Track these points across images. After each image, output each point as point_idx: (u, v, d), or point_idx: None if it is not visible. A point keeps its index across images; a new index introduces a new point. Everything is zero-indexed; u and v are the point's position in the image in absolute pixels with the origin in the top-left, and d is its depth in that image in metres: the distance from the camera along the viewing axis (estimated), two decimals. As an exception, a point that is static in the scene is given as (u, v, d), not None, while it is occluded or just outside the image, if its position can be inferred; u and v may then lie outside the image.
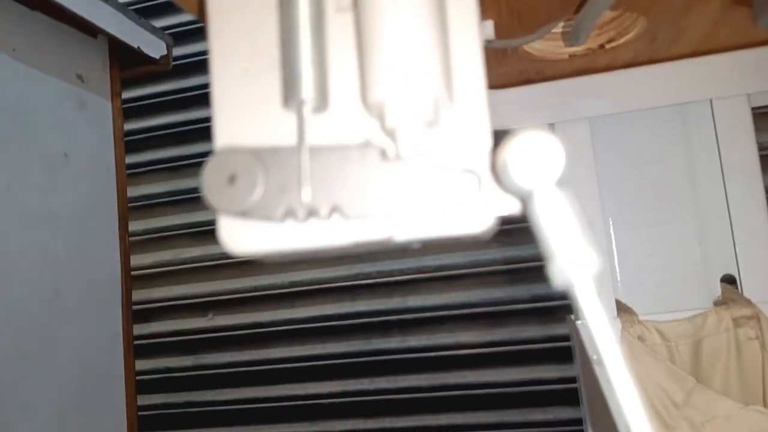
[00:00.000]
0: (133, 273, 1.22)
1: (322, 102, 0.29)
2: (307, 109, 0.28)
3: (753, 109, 0.66)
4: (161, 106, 1.30)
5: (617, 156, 0.71)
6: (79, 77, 1.22)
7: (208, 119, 1.23)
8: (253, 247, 0.30)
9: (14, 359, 0.93)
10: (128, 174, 1.24)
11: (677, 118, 0.69)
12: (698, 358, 0.62)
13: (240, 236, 0.30)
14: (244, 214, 0.28)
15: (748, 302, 0.63)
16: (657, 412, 0.59)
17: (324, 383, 1.13)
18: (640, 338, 0.62)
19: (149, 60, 1.30)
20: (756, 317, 0.61)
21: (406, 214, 0.27)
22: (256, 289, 1.21)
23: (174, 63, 1.28)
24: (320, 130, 0.29)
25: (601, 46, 0.62)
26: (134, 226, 1.27)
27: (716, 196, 0.67)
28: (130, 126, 1.29)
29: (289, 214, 0.28)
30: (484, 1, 0.49)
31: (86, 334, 1.09)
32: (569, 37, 0.50)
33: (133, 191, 1.26)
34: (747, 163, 0.66)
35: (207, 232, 1.22)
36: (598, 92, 0.67)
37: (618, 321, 0.63)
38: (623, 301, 0.68)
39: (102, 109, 1.24)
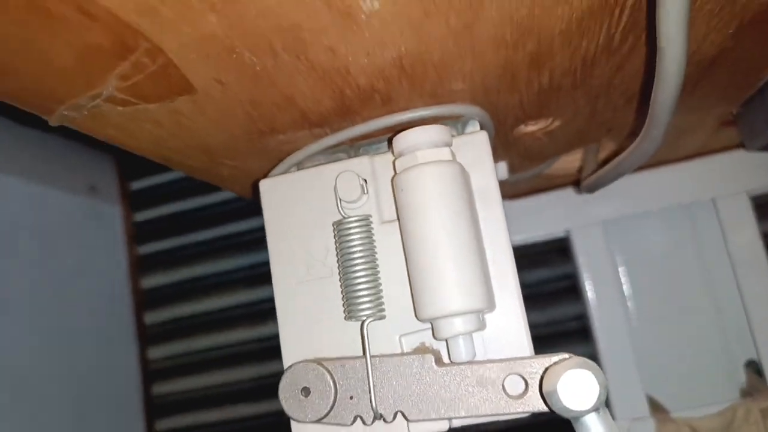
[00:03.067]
0: (152, 368, 1.25)
1: (379, 313, 0.33)
2: (368, 325, 0.32)
3: (754, 199, 0.70)
4: (170, 195, 1.33)
5: (632, 256, 0.75)
6: (92, 189, 1.28)
7: (215, 205, 1.25)
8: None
9: None
10: (141, 266, 1.28)
11: (685, 216, 0.73)
12: (732, 453, 0.64)
13: (313, 435, 0.34)
14: (319, 420, 0.32)
15: (774, 392, 0.65)
16: None
17: None
18: (674, 436, 0.64)
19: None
20: (782, 406, 0.63)
21: (461, 413, 0.31)
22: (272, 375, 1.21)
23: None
24: (379, 336, 0.33)
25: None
26: (148, 319, 1.29)
27: (729, 285, 0.71)
28: (140, 218, 1.33)
29: (359, 418, 0.32)
30: (497, 148, 0.53)
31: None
32: (585, 187, 0.54)
33: (146, 282, 1.29)
34: (753, 252, 0.69)
35: (219, 320, 1.24)
36: (608, 196, 0.72)
37: (652, 421, 0.66)
38: (654, 395, 0.70)
39: (113, 214, 1.30)
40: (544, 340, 0.95)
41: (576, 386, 0.26)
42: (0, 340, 0.96)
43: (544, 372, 0.29)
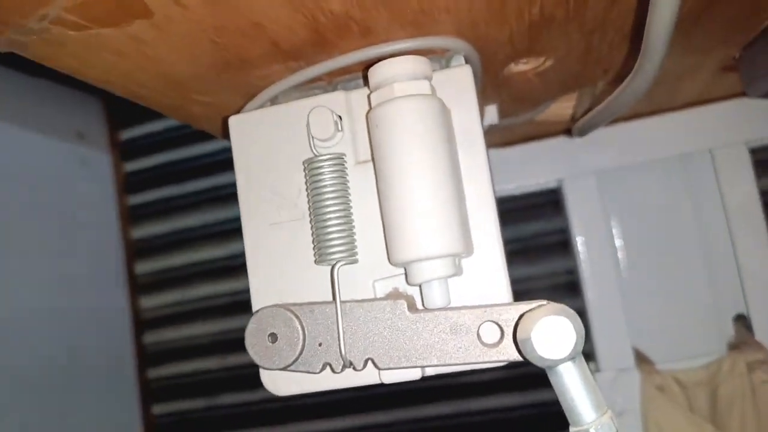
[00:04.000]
0: (144, 317, 1.25)
1: (351, 257, 0.31)
2: (339, 269, 0.31)
3: (753, 153, 0.68)
4: (159, 144, 1.31)
5: (625, 207, 0.73)
6: (79, 135, 1.25)
7: (208, 154, 1.23)
8: (294, 388, 0.33)
9: (33, 426, 0.96)
10: (132, 216, 1.27)
11: (680, 167, 0.71)
12: (715, 404, 0.64)
13: (281, 381, 0.33)
14: (286, 368, 0.30)
15: (761, 346, 0.65)
16: (679, 460, 0.61)
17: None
18: (659, 388, 0.64)
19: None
20: (769, 361, 0.63)
21: (433, 361, 0.29)
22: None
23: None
24: (351, 281, 0.32)
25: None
26: (141, 268, 1.28)
27: (722, 239, 0.69)
28: (130, 167, 1.31)
29: (328, 366, 0.30)
30: (487, 89, 0.51)
31: (100, 387, 1.13)
32: (576, 130, 0.52)
33: (137, 232, 1.28)
34: (749, 206, 0.68)
35: (212, 270, 1.23)
36: (602, 145, 0.69)
37: (637, 372, 0.65)
38: (640, 347, 0.70)
39: (102, 163, 1.27)
40: (532, 294, 0.94)
41: (551, 334, 0.24)
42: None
43: (520, 318, 0.27)
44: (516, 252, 0.98)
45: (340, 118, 0.33)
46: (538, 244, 0.96)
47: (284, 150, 0.34)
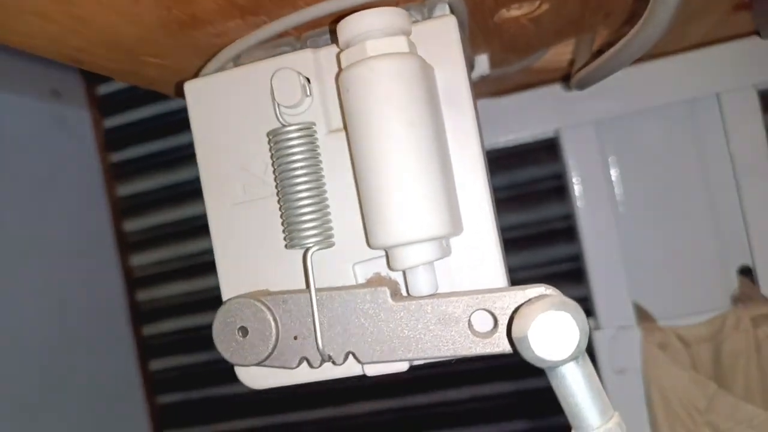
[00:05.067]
0: (135, 275, 1.23)
1: (326, 240, 0.28)
2: (313, 254, 0.27)
3: (762, 95, 0.64)
4: (139, 98, 1.26)
5: (625, 156, 0.69)
6: (54, 93, 1.20)
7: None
8: (271, 382, 0.30)
9: (29, 395, 0.95)
10: (115, 174, 1.23)
11: (685, 113, 0.67)
12: (719, 360, 0.62)
13: (258, 375, 0.30)
14: (259, 364, 0.28)
15: (766, 300, 0.63)
16: (680, 418, 0.60)
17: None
18: (661, 345, 0.62)
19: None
20: (774, 314, 0.61)
21: (420, 354, 0.27)
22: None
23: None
24: (328, 265, 0.29)
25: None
26: (129, 226, 1.26)
27: (728, 188, 0.66)
28: (110, 124, 1.27)
29: (305, 360, 0.28)
30: (476, 37, 0.46)
31: (97, 347, 1.12)
32: (575, 83, 0.47)
33: (122, 190, 1.25)
34: (757, 153, 0.64)
35: (202, 226, 1.21)
36: (601, 93, 0.65)
37: (638, 330, 0.63)
38: (641, 302, 0.68)
39: (81, 120, 1.22)
40: (528, 241, 0.91)
41: (551, 332, 0.21)
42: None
43: (516, 310, 0.24)
44: (510, 198, 0.95)
45: (309, 80, 0.29)
46: (532, 190, 0.92)
47: (247, 119, 0.30)
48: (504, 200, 0.95)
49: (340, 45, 0.27)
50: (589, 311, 0.69)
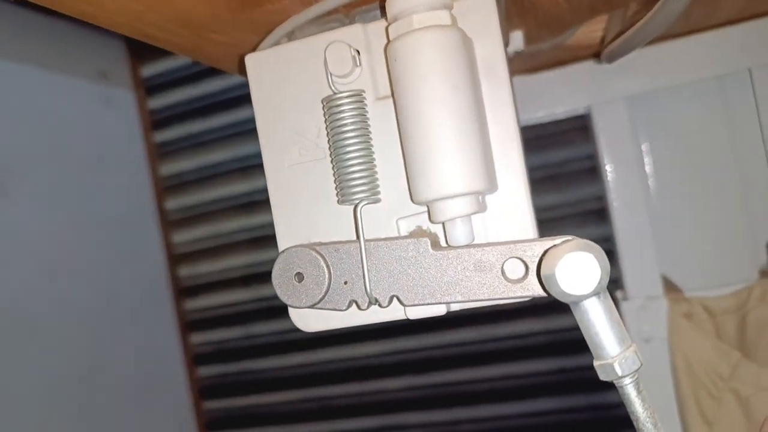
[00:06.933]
0: (177, 252, 1.29)
1: (374, 197, 0.31)
2: (362, 208, 0.31)
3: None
4: (182, 80, 1.30)
5: (656, 132, 0.71)
6: (102, 74, 1.25)
7: (229, 89, 1.23)
8: (322, 325, 0.34)
9: (75, 365, 1.01)
10: (159, 153, 1.28)
11: (716, 89, 0.68)
12: (744, 331, 0.64)
13: (310, 318, 0.33)
14: (313, 306, 0.31)
15: (793, 272, 0.64)
16: (704, 385, 0.62)
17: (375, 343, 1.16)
18: (687, 315, 0.64)
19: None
20: (801, 285, 0.62)
21: (458, 297, 0.30)
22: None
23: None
24: (374, 220, 0.32)
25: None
26: (171, 204, 1.31)
27: (758, 164, 0.67)
28: (153, 104, 1.31)
29: (354, 303, 0.31)
30: (512, 14, 0.49)
31: (141, 319, 1.17)
32: (606, 55, 0.49)
33: (165, 169, 1.30)
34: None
35: (243, 204, 1.24)
36: (633, 69, 0.67)
37: (664, 300, 0.65)
38: (669, 275, 0.69)
39: (126, 101, 1.27)
40: (560, 221, 0.94)
41: (575, 270, 0.24)
42: (26, 230, 0.98)
43: (544, 254, 0.27)
44: (543, 179, 0.97)
45: (358, 52, 0.32)
46: (565, 171, 0.94)
47: (302, 88, 0.33)
48: (538, 180, 0.97)
49: (388, 18, 0.30)
50: (617, 282, 0.71)
